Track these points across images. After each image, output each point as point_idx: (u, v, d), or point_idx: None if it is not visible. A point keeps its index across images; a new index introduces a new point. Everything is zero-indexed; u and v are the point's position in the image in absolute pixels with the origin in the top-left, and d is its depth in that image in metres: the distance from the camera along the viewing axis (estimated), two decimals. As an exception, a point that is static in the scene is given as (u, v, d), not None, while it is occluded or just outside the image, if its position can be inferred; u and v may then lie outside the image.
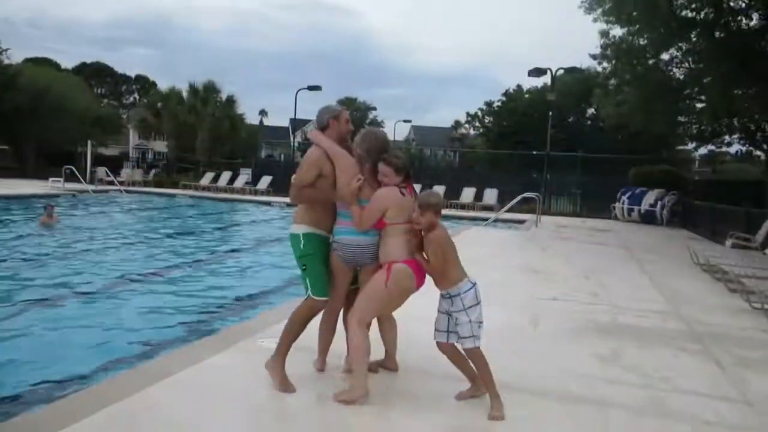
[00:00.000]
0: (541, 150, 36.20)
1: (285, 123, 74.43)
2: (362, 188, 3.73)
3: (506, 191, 24.46)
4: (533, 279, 8.68)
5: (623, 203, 21.87)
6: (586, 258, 11.20)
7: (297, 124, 40.51)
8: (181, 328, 6.36)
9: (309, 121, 61.46)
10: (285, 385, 3.78)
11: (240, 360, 4.36)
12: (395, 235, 3.67)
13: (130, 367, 4.69)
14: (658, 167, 23.43)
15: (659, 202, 20.68)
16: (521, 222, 19.07)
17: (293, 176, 3.88)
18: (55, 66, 48.29)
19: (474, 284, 3.65)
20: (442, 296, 3.71)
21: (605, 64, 21.93)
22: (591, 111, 42.88)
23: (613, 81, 22.27)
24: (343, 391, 3.66)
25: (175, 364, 4.19)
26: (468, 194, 23.71)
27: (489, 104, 46.64)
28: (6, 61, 31.79)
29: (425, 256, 3.65)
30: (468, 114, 49.17)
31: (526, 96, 44.12)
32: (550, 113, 24.89)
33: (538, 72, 24.30)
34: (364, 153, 3.80)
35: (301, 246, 3.85)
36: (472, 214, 21.82)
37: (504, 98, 45.29)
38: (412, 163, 44.46)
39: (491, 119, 46.87)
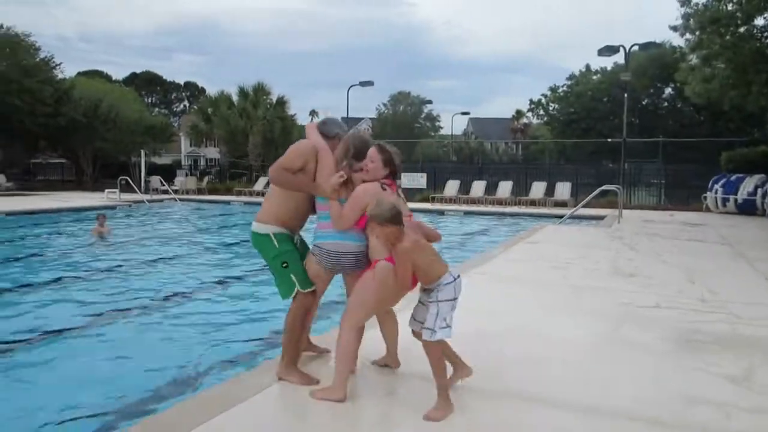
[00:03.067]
0: (614, 136, 33.88)
1: (337, 122, 73.98)
2: (342, 186, 3.57)
3: (579, 184, 22.53)
4: (627, 283, 7.50)
5: (716, 192, 19.56)
6: (685, 257, 9.87)
7: (350, 122, 39.28)
8: (239, 348, 5.61)
9: (361, 119, 60.64)
10: (306, 379, 3.72)
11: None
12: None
13: (193, 392, 4.29)
14: (755, 149, 20.87)
15: (759, 190, 18.30)
16: (600, 218, 17.28)
17: (277, 160, 3.71)
18: (107, 78, 48.90)
19: (455, 278, 3.45)
20: (421, 289, 3.53)
21: (688, 36, 19.61)
22: (668, 91, 39.92)
23: (697, 54, 19.88)
24: (324, 388, 3.54)
25: (240, 389, 3.70)
26: (538, 189, 21.80)
27: (554, 89, 44.20)
28: (60, 76, 31.98)
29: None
30: (531, 101, 46.74)
31: (594, 78, 41.51)
32: (626, 95, 22.63)
33: (609, 50, 22.14)
34: (343, 152, 3.66)
35: (276, 244, 3.72)
36: (544, 211, 20.00)
37: (570, 82, 42.78)
38: (473, 157, 42.92)
39: (556, 106, 44.40)
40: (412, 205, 4.32)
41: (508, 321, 5.44)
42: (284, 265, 3.71)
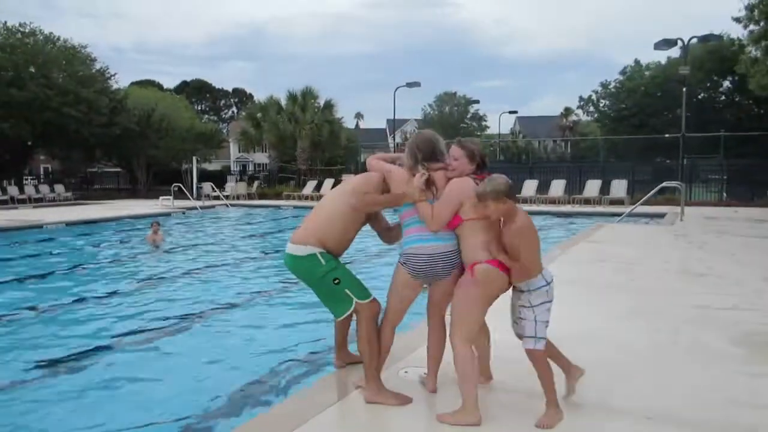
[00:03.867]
0: (667, 132, 32.74)
1: (381, 124, 74.01)
2: (426, 188, 3.38)
3: (635, 182, 21.82)
4: (700, 284, 7.16)
5: (783, 187, 18.66)
6: (758, 256, 9.51)
7: (396, 123, 39.21)
8: (297, 357, 5.48)
9: (407, 120, 60.48)
10: (401, 399, 3.52)
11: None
12: (475, 233, 3.24)
13: (262, 408, 4.09)
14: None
15: (832, 184, 17.35)
16: (660, 215, 16.70)
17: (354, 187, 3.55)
18: (159, 87, 50.12)
19: (548, 282, 3.23)
20: (513, 289, 3.31)
21: (752, 27, 18.78)
22: (726, 84, 38.41)
23: (762, 45, 19.00)
24: (454, 412, 3.23)
25: (307, 405, 3.55)
26: (592, 187, 21.17)
27: (605, 85, 43.10)
28: (114, 86, 32.89)
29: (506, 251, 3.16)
30: (581, 98, 45.67)
31: (647, 73, 40.27)
32: (684, 90, 21.80)
33: (666, 44, 21.39)
34: (412, 158, 3.45)
35: (323, 262, 3.49)
36: (599, 209, 19.42)
37: (621, 77, 41.61)
38: (520, 156, 42.14)
39: (607, 102, 43.26)
40: None
41: (576, 326, 5.17)
42: (336, 281, 3.50)
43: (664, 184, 16.35)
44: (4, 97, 26.18)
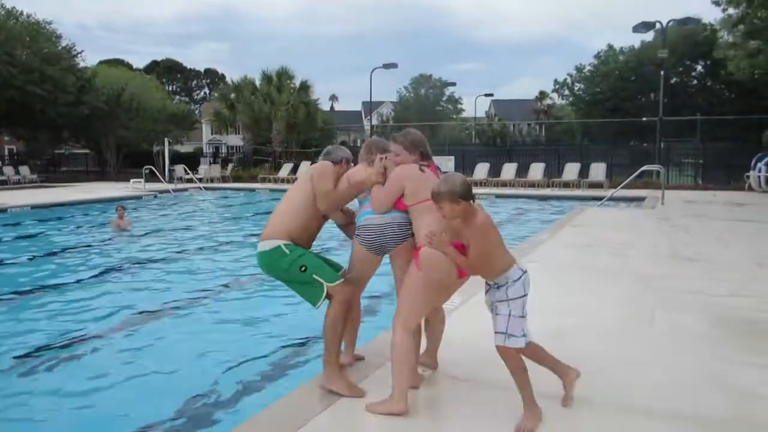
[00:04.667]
0: (641, 116, 32.93)
1: (356, 107, 73.28)
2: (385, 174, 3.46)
3: (613, 165, 21.85)
4: (692, 269, 7.01)
5: (760, 171, 18.81)
6: (743, 239, 9.45)
7: (372, 106, 38.75)
8: (277, 352, 5.11)
9: (383, 102, 59.98)
10: (353, 390, 3.43)
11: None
12: (421, 215, 3.28)
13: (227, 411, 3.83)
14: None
15: (807, 168, 17.56)
16: (640, 199, 16.70)
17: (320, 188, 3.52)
18: (128, 66, 48.70)
19: (524, 272, 3.09)
20: (487, 286, 3.13)
21: (731, 11, 18.79)
22: (699, 69, 38.74)
23: (742, 28, 19.04)
24: (382, 401, 3.20)
25: (312, 404, 3.31)
26: (571, 171, 21.13)
27: (579, 69, 43.13)
28: (81, 65, 31.77)
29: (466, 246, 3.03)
30: (556, 81, 45.69)
31: (620, 58, 40.40)
32: (663, 73, 21.80)
33: (645, 26, 21.38)
34: (366, 152, 3.65)
35: (288, 252, 3.45)
36: (579, 192, 19.39)
37: (596, 61, 41.69)
38: (495, 139, 42.12)
39: (582, 86, 43.36)
40: None
41: (577, 317, 4.98)
42: (303, 268, 3.43)
43: (645, 167, 16.34)
44: (-35, 74, 25.10)
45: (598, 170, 20.81)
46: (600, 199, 16.44)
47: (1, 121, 30.11)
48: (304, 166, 26.59)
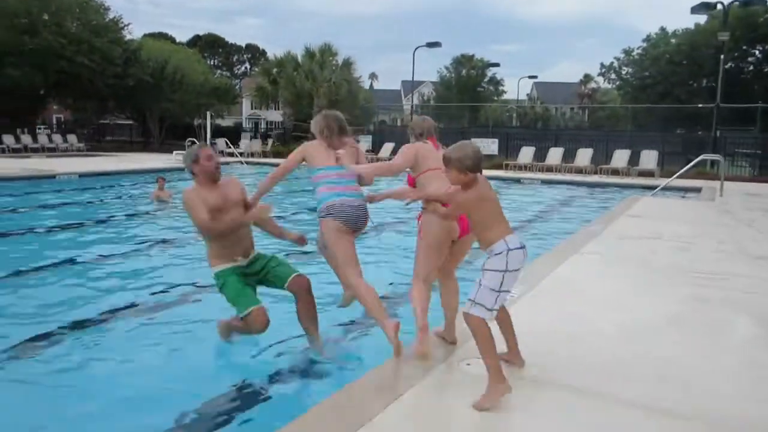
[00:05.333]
0: (692, 102, 31.78)
1: (396, 86, 72.61)
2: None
3: (665, 153, 21.11)
4: (765, 270, 6.52)
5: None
6: None
7: (414, 85, 38.29)
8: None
9: (423, 82, 59.22)
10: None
11: (440, 394, 3.28)
12: (424, 184, 3.74)
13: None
14: None
15: None
16: (695, 189, 16.04)
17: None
18: (171, 40, 48.99)
19: (510, 249, 3.05)
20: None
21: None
22: (756, 54, 37.12)
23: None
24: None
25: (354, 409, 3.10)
26: (621, 158, 20.46)
27: (628, 52, 41.80)
28: (128, 37, 32.07)
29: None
30: (602, 65, 44.41)
31: (672, 41, 38.98)
32: (722, 57, 20.87)
33: (705, 7, 20.42)
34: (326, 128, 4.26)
35: (216, 281, 4.11)
36: (628, 180, 18.76)
37: (645, 44, 40.32)
38: (536, 123, 41.28)
39: (630, 69, 42.06)
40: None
41: (649, 317, 4.69)
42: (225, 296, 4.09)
43: (702, 156, 15.67)
44: (18, 44, 25.53)
45: (649, 158, 20.11)
46: (651, 188, 15.88)
47: (50, 91, 30.65)
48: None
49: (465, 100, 46.16)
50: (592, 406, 3.10)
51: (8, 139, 25.85)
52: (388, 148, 25.01)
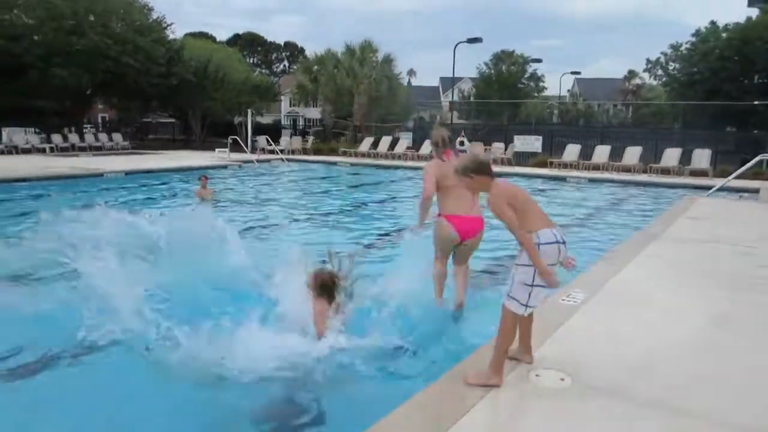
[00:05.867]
0: (743, 99, 30.59)
1: (434, 82, 72.08)
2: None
3: (717, 152, 20.34)
4: None
5: None
6: None
7: (453, 81, 37.89)
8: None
9: (461, 78, 58.64)
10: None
11: (511, 411, 3.11)
12: (440, 197, 5.06)
13: None
14: None
15: None
16: (753, 191, 15.26)
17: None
18: (212, 39, 49.56)
19: (539, 243, 3.13)
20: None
21: None
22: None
23: None
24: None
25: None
26: (671, 156, 19.77)
27: (675, 47, 40.50)
28: (171, 36, 32.55)
29: None
30: (648, 60, 43.12)
31: (723, 35, 37.62)
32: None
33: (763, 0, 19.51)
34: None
35: None
36: (680, 180, 18.10)
37: (694, 39, 39.01)
38: (578, 120, 40.38)
39: (677, 65, 40.77)
40: (525, 170, 3.56)
41: (725, 330, 4.40)
42: None
43: (761, 156, 15.00)
44: (65, 45, 26.11)
45: (701, 157, 19.39)
46: (704, 188, 15.30)
47: (96, 90, 31.31)
48: (386, 141, 26.30)
49: (504, 96, 45.49)
50: (655, 417, 2.95)
51: (57, 138, 26.48)
52: (428, 145, 24.74)
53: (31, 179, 15.10)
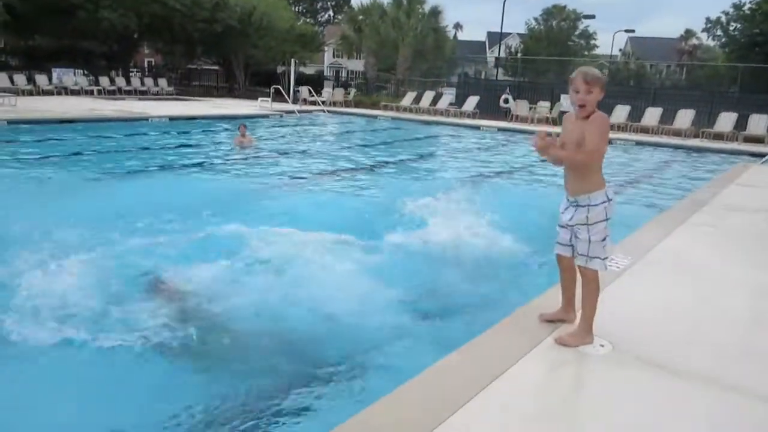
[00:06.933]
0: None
1: (480, 37, 70.27)
2: None
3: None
4: None
5: None
6: None
7: (501, 36, 36.80)
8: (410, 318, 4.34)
9: (509, 34, 56.99)
10: None
11: (548, 377, 3.01)
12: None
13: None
14: None
15: None
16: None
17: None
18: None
19: (609, 200, 3.14)
20: (567, 203, 3.24)
21: None
22: None
23: None
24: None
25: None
26: (726, 121, 18.95)
27: (738, 6, 38.44)
28: (216, -19, 32.27)
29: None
30: (707, 20, 41.08)
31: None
32: None
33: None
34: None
35: None
36: (734, 146, 17.39)
37: (759, -1, 36.89)
38: (629, 81, 38.98)
39: (738, 25, 38.75)
40: None
41: (762, 303, 4.24)
42: None
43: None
44: (112, -14, 26.22)
45: (758, 122, 18.53)
46: (760, 155, 14.71)
47: (143, 35, 31.49)
48: (429, 96, 25.87)
49: (553, 54, 44.13)
50: (700, 392, 2.86)
51: (104, 81, 26.85)
52: (472, 101, 24.28)
53: (77, 120, 15.40)
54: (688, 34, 50.30)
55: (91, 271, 4.43)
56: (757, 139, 17.92)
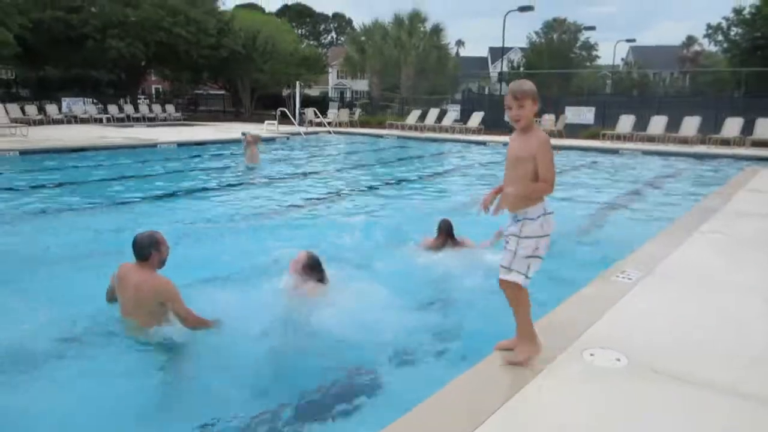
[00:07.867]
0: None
1: (482, 53, 70.67)
2: None
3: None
4: None
5: None
6: None
7: (503, 51, 37.06)
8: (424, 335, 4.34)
9: (511, 48, 57.32)
10: None
11: (565, 393, 2.98)
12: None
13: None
14: None
15: None
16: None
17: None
18: (261, 10, 49.63)
19: (547, 213, 3.06)
20: (510, 220, 3.15)
21: None
22: None
23: None
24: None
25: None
26: (732, 126, 18.92)
27: (738, 11, 38.51)
28: (221, 8, 32.83)
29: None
30: (708, 26, 41.13)
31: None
32: None
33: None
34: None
35: None
36: (741, 151, 17.33)
37: (758, 2, 36.97)
38: (632, 89, 39.03)
39: (739, 30, 38.79)
40: (576, 142, 3.31)
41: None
42: None
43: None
44: (121, 16, 26.68)
45: (765, 126, 18.48)
46: (767, 159, 14.66)
47: (150, 62, 31.95)
48: (433, 113, 25.99)
49: (556, 67, 44.29)
50: (718, 403, 2.86)
51: (113, 109, 27.20)
52: (477, 117, 24.39)
53: (88, 149, 15.63)
54: (690, 40, 50.44)
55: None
56: (765, 143, 17.87)
